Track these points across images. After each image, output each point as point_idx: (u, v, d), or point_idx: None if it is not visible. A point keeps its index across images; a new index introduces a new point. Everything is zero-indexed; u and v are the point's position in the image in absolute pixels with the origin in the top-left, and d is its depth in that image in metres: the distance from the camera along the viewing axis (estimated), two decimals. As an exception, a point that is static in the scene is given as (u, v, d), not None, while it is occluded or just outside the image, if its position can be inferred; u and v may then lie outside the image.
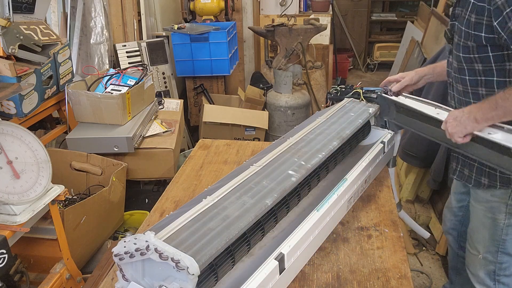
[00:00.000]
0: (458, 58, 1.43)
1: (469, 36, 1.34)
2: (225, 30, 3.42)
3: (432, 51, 3.58)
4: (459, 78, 1.47)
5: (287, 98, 3.51)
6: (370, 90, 1.75)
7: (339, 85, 1.86)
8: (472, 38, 1.33)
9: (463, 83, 1.46)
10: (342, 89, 1.82)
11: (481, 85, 1.40)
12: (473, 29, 1.32)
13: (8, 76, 1.81)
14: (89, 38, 2.99)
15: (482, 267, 1.59)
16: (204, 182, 1.77)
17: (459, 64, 1.44)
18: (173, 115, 2.57)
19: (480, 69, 1.37)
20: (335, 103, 1.80)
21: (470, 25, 1.32)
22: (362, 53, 6.65)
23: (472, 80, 1.42)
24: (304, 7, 4.88)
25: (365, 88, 1.78)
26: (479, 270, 1.60)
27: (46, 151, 1.54)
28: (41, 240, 1.64)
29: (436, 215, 2.85)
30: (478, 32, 1.30)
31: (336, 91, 1.83)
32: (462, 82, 1.46)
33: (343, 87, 1.83)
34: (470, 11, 1.32)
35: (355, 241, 1.38)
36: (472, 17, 1.31)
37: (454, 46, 1.44)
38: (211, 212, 1.06)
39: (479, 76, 1.39)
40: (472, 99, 1.44)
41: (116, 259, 0.95)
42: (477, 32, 1.31)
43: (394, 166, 1.81)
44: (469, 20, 1.33)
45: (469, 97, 1.45)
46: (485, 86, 1.39)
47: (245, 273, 1.08)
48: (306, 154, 1.35)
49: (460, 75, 1.46)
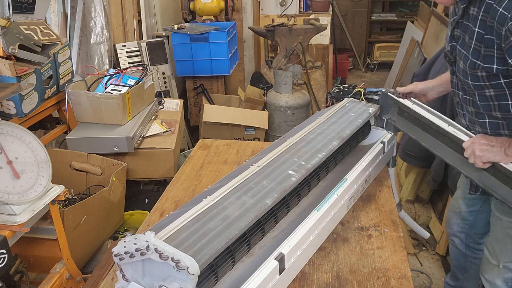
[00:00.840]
0: (466, 84, 1.37)
1: (477, 66, 1.28)
2: (225, 30, 3.42)
3: (432, 51, 3.58)
4: (470, 101, 1.42)
5: (287, 98, 3.51)
6: (373, 92, 1.75)
7: (342, 85, 1.86)
8: (481, 68, 1.27)
9: (474, 106, 1.41)
10: (345, 88, 1.82)
11: (494, 110, 1.35)
12: (482, 61, 1.25)
13: (8, 76, 1.81)
14: (89, 38, 2.99)
15: (500, 275, 1.56)
16: (204, 182, 1.77)
17: (469, 89, 1.39)
18: (173, 115, 2.57)
19: (492, 94, 1.32)
20: (335, 103, 1.80)
21: (480, 57, 1.26)
22: (362, 53, 6.65)
23: (484, 105, 1.37)
24: (304, 7, 4.88)
25: (368, 89, 1.78)
26: (496, 278, 1.57)
27: (46, 151, 1.54)
28: (41, 240, 1.64)
29: (436, 215, 2.85)
30: (489, 64, 1.24)
31: (339, 90, 1.83)
32: (473, 105, 1.41)
33: (346, 86, 1.83)
34: (476, 40, 1.25)
35: (355, 241, 1.38)
36: (481, 48, 1.24)
37: (461, 72, 1.38)
38: (211, 212, 1.06)
39: (491, 101, 1.34)
40: (487, 119, 1.40)
41: (116, 259, 0.95)
42: (488, 64, 1.25)
43: (394, 166, 1.81)
44: (477, 50, 1.26)
45: (484, 118, 1.41)
46: (500, 110, 1.34)
47: (245, 273, 1.08)
48: (306, 154, 1.35)
49: (470, 98, 1.41)
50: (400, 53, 5.08)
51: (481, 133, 1.42)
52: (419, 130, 1.57)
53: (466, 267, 1.94)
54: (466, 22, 1.30)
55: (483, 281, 1.64)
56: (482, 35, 1.23)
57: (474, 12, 1.26)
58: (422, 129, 1.55)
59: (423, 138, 1.55)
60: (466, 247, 1.89)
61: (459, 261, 1.96)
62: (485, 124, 1.42)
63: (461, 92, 1.46)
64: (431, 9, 4.14)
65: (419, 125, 1.56)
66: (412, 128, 1.60)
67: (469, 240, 1.86)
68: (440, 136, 1.49)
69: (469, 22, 1.28)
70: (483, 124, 1.42)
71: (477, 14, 1.24)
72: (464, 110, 1.50)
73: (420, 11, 5.23)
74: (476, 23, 1.24)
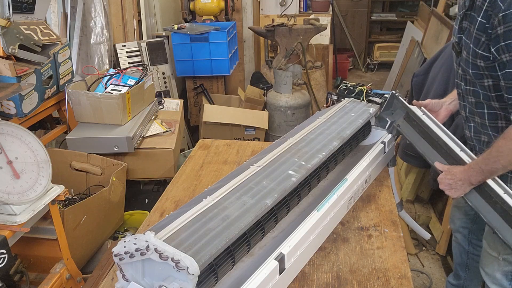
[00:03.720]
0: (468, 74, 1.42)
1: (477, 55, 1.33)
2: (225, 30, 3.42)
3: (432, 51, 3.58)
4: (470, 91, 1.46)
5: (287, 98, 3.51)
6: (379, 94, 1.75)
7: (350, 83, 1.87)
8: (480, 56, 1.32)
9: (475, 95, 1.45)
10: (351, 86, 1.83)
11: (493, 100, 1.40)
12: (481, 49, 1.31)
13: (8, 76, 1.81)
14: (89, 38, 2.99)
15: (500, 268, 1.58)
16: (204, 182, 1.77)
17: (470, 79, 1.43)
18: (173, 115, 2.57)
19: (490, 84, 1.37)
20: (336, 103, 1.80)
21: (478, 45, 1.31)
22: (362, 53, 6.65)
23: (484, 94, 1.41)
24: (304, 7, 4.88)
25: (374, 91, 1.78)
26: (496, 271, 1.59)
27: (46, 151, 1.54)
28: (41, 240, 1.64)
29: (436, 215, 2.85)
30: (486, 53, 1.30)
31: (345, 87, 1.84)
32: (473, 94, 1.45)
33: (353, 84, 1.84)
34: (478, 29, 1.31)
35: (355, 241, 1.38)
36: (482, 37, 1.30)
37: (463, 61, 1.43)
38: (211, 212, 1.06)
39: (490, 92, 1.39)
40: (486, 109, 1.44)
41: (116, 259, 0.95)
42: (485, 53, 1.30)
43: (393, 165, 1.81)
44: (477, 39, 1.31)
45: (483, 108, 1.45)
46: (498, 101, 1.39)
47: (245, 273, 1.08)
48: (307, 154, 1.35)
49: (472, 87, 1.45)
50: (400, 53, 5.08)
51: (447, 170, 1.46)
52: (424, 142, 1.56)
53: (468, 265, 1.95)
54: (473, 13, 1.35)
55: (483, 275, 1.65)
56: (484, 24, 1.28)
57: (479, 2, 1.30)
58: (429, 143, 1.54)
59: (427, 152, 1.55)
60: (468, 244, 1.90)
61: (461, 258, 1.97)
62: (483, 114, 1.45)
63: (463, 82, 1.49)
64: (431, 9, 4.15)
65: (426, 138, 1.55)
66: (417, 139, 1.58)
67: (472, 236, 1.88)
68: (447, 155, 1.49)
69: (475, 13, 1.33)
70: (482, 115, 1.45)
71: (482, 4, 1.29)
72: (465, 102, 1.52)
73: (420, 11, 5.23)
74: (480, 13, 1.29)
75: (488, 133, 1.47)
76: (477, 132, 1.52)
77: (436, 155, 1.52)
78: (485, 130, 1.48)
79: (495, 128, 1.44)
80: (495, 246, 1.57)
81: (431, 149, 1.53)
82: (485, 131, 1.48)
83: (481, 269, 1.66)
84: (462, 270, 1.99)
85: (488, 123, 1.45)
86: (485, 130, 1.48)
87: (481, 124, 1.48)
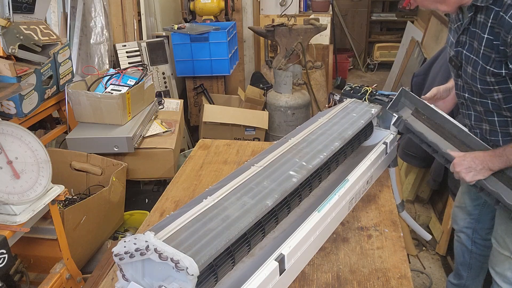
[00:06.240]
0: (475, 88, 1.42)
1: (488, 71, 1.33)
2: (225, 30, 3.42)
3: (432, 51, 3.58)
4: (478, 102, 1.47)
5: (287, 98, 3.51)
6: (385, 94, 1.75)
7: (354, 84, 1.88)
8: (491, 73, 1.33)
9: (483, 106, 1.46)
10: (356, 87, 1.83)
11: (504, 110, 1.41)
12: (492, 66, 1.31)
13: (8, 76, 1.80)
14: (89, 38, 2.99)
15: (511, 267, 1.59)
16: (204, 182, 1.77)
17: (477, 91, 1.43)
18: (173, 115, 2.57)
19: (500, 97, 1.38)
20: (338, 104, 1.80)
21: (489, 62, 1.31)
22: (362, 53, 6.65)
23: (494, 104, 1.42)
24: (304, 7, 4.88)
25: (380, 92, 1.78)
26: (507, 270, 1.60)
27: (46, 151, 1.54)
28: (41, 240, 1.64)
29: (436, 215, 2.85)
30: (498, 69, 1.30)
31: (350, 88, 1.84)
32: (482, 105, 1.46)
33: (358, 85, 1.84)
34: (486, 46, 1.30)
35: (355, 241, 1.38)
36: (492, 54, 1.30)
37: (468, 76, 1.42)
38: (211, 212, 1.06)
39: (500, 103, 1.40)
40: (496, 117, 1.45)
41: (116, 259, 0.95)
42: (497, 69, 1.31)
43: (394, 166, 1.80)
44: (487, 55, 1.31)
45: (493, 116, 1.46)
46: (509, 111, 1.40)
47: (245, 273, 1.08)
48: (308, 155, 1.34)
49: (479, 99, 1.45)
50: (400, 53, 5.08)
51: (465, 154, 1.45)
52: (435, 135, 1.56)
53: (471, 264, 1.96)
54: (474, 28, 1.35)
55: (493, 274, 1.66)
56: (491, 41, 1.29)
57: (481, 19, 1.31)
58: (440, 134, 1.55)
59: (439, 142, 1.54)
60: (472, 243, 1.91)
61: (464, 258, 1.98)
62: (494, 122, 1.46)
63: (468, 93, 1.49)
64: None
65: (438, 129, 1.56)
66: (427, 132, 1.58)
67: (476, 236, 1.88)
68: (461, 144, 1.50)
69: (477, 28, 1.33)
70: (492, 122, 1.46)
71: (485, 21, 1.29)
72: (471, 111, 1.53)
73: (420, 11, 5.23)
74: (485, 30, 1.30)
75: (498, 139, 1.48)
76: (484, 140, 1.52)
77: (448, 145, 1.52)
78: (493, 137, 1.49)
79: (506, 133, 1.46)
80: (506, 245, 1.58)
81: (442, 140, 1.54)
82: (494, 137, 1.49)
83: (491, 269, 1.67)
84: (464, 270, 1.99)
85: (499, 130, 1.47)
86: (493, 137, 1.49)
87: (490, 131, 1.49)
